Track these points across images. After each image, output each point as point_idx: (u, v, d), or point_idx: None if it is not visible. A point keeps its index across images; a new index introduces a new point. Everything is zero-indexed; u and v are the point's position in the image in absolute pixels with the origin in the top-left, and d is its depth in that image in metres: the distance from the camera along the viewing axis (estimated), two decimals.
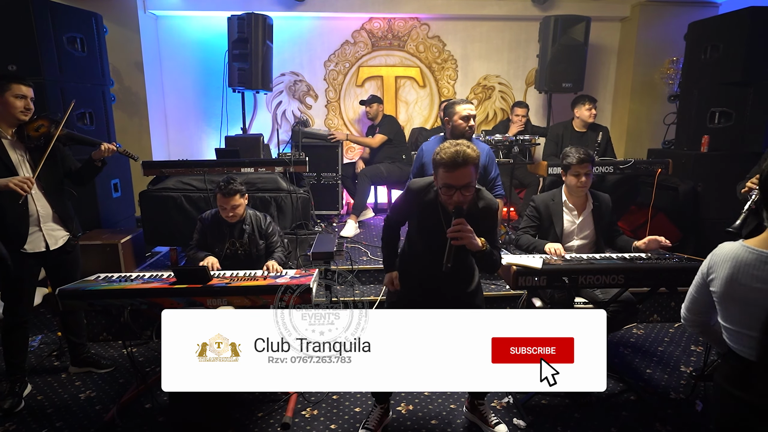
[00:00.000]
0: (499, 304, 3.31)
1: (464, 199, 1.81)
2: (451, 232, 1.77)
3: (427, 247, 2.00)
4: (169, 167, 3.67)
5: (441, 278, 1.92)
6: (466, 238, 1.77)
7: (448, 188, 1.80)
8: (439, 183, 1.85)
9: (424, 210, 1.97)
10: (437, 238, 1.88)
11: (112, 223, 3.91)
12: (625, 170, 3.68)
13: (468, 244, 1.78)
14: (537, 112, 5.43)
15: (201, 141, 5.43)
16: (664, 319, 3.38)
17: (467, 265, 2.08)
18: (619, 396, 2.52)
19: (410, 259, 2.11)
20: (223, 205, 2.64)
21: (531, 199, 2.73)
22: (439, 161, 1.80)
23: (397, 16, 5.19)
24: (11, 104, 2.29)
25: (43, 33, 3.38)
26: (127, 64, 4.81)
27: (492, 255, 1.88)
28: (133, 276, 2.34)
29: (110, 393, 2.58)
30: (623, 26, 5.28)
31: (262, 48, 4.46)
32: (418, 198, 1.98)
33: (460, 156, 1.74)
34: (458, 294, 2.07)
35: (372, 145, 4.72)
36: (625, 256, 2.37)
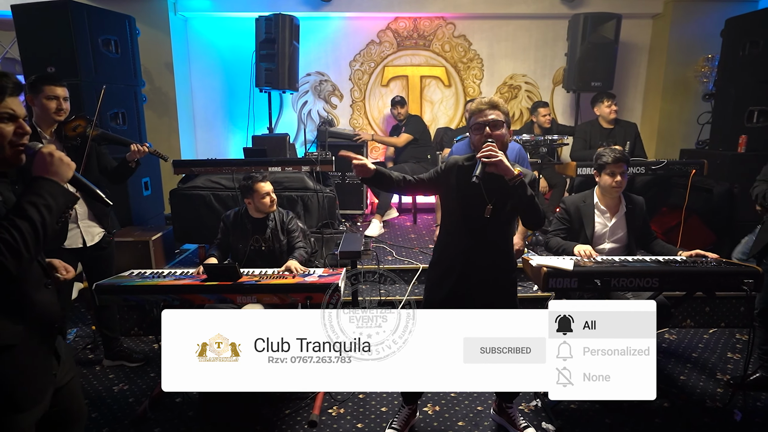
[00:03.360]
0: (526, 307, 3.25)
1: (494, 134, 1.85)
2: (482, 152, 1.78)
3: (466, 227, 1.97)
4: (198, 166, 3.74)
5: (479, 262, 1.95)
6: (498, 158, 1.77)
7: (478, 127, 1.89)
8: (471, 129, 1.94)
9: (463, 182, 1.94)
10: (477, 210, 1.90)
11: (143, 221, 4.01)
12: (657, 171, 3.58)
13: (499, 164, 1.77)
14: (564, 112, 5.34)
15: (228, 140, 5.52)
16: (698, 325, 3.28)
17: (504, 250, 2.04)
18: (651, 402, 2.44)
19: (448, 243, 2.07)
20: (264, 192, 2.65)
21: (561, 201, 2.69)
22: (470, 111, 1.95)
23: (422, 16, 5.17)
24: (45, 106, 2.35)
25: (80, 36, 3.49)
26: (158, 65, 4.92)
27: (526, 189, 1.84)
28: (165, 273, 2.40)
29: (142, 386, 2.64)
30: (655, 23, 5.15)
31: (289, 48, 4.50)
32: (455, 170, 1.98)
33: (485, 101, 1.91)
34: (494, 278, 2.02)
35: (397, 145, 4.72)
36: (659, 259, 2.31)
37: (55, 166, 1.17)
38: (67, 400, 1.33)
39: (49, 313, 1.23)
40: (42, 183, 1.14)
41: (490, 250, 1.99)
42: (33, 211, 1.09)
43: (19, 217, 1.08)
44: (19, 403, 1.16)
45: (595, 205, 2.58)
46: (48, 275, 1.28)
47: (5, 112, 1.13)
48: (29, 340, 1.17)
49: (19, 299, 1.16)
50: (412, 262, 3.61)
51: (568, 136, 4.36)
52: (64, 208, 1.17)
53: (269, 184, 2.69)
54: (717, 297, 3.21)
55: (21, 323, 1.15)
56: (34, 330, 1.18)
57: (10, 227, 1.05)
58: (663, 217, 4.14)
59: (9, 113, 1.14)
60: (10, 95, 1.14)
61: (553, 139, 3.82)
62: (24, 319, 1.16)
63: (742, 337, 3.14)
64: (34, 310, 1.19)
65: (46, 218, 1.10)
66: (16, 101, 1.16)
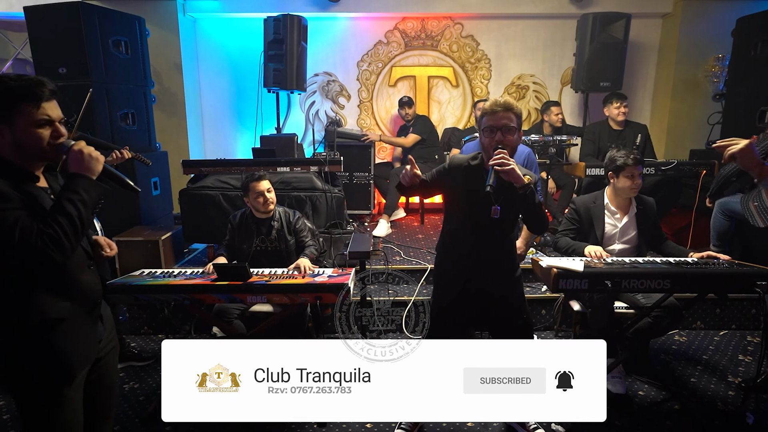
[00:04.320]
0: (535, 307, 3.26)
1: (505, 140, 1.84)
2: (494, 159, 1.77)
3: (472, 227, 1.97)
4: (207, 166, 3.76)
5: (484, 263, 1.95)
6: (510, 166, 1.76)
7: (490, 131, 1.86)
8: (483, 130, 1.91)
9: (469, 181, 1.94)
10: (483, 210, 1.86)
11: (152, 220, 4.03)
12: (667, 171, 3.56)
13: (511, 172, 1.76)
14: (573, 112, 5.31)
15: (236, 140, 5.54)
16: (708, 327, 3.25)
17: (508, 251, 2.05)
18: (662, 405, 2.44)
19: (454, 244, 2.07)
20: (258, 192, 2.65)
21: (571, 201, 2.68)
22: (482, 111, 1.91)
23: (430, 16, 5.17)
24: None
25: (91, 37, 3.52)
26: (167, 66, 4.95)
27: (535, 197, 1.84)
28: (175, 272, 2.41)
29: (152, 385, 2.66)
30: (665, 22, 5.11)
31: (297, 49, 4.51)
32: (461, 169, 1.97)
33: (500, 102, 1.86)
34: (500, 279, 2.02)
35: (405, 145, 4.72)
36: (671, 260, 2.29)
37: (86, 162, 1.30)
38: (104, 371, 1.50)
39: (92, 291, 1.42)
40: (77, 180, 1.29)
41: (495, 249, 2.00)
42: (71, 207, 1.24)
43: (59, 213, 1.23)
44: (73, 369, 1.34)
45: (605, 205, 2.57)
46: (90, 258, 1.45)
47: (42, 117, 1.25)
48: (76, 314, 1.36)
49: (67, 280, 1.34)
50: (420, 262, 3.61)
51: (577, 136, 4.34)
52: (97, 200, 1.32)
53: (265, 183, 2.66)
54: (728, 299, 3.19)
55: (68, 300, 1.34)
56: (80, 306, 1.37)
57: (53, 223, 1.21)
58: (673, 218, 4.11)
59: (46, 118, 1.26)
60: (47, 101, 1.26)
61: (561, 140, 3.81)
62: (71, 296, 1.34)
63: (754, 340, 3.11)
64: (80, 289, 1.37)
65: (82, 212, 1.26)
66: (52, 105, 1.28)
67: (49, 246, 1.19)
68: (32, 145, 1.26)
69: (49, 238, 1.19)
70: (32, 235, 1.18)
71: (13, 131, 1.24)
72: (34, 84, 1.24)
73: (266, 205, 2.68)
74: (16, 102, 1.23)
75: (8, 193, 1.20)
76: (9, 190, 1.21)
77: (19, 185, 1.25)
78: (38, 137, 1.26)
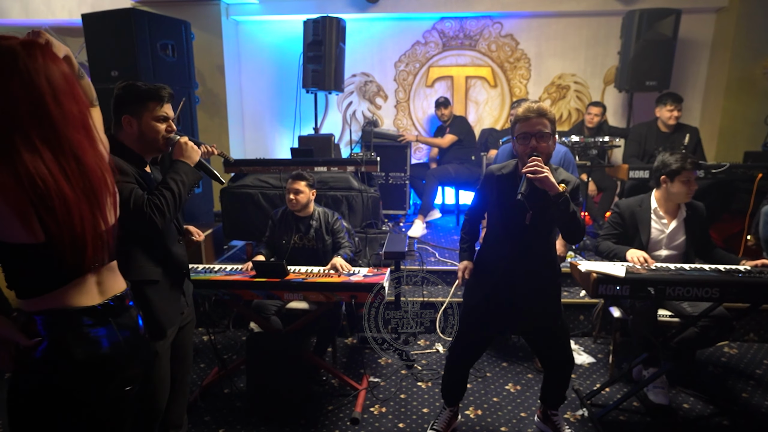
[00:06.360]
0: (572, 312, 3.17)
1: (539, 147, 1.80)
2: (528, 167, 1.74)
3: (507, 234, 1.95)
4: (248, 165, 3.87)
5: (519, 270, 1.92)
6: (544, 174, 1.72)
7: (524, 138, 1.83)
8: (516, 137, 1.88)
9: (503, 190, 1.93)
10: (518, 217, 1.85)
11: (194, 217, 4.17)
12: (718, 174, 3.38)
13: (545, 180, 1.73)
14: (616, 113, 5.14)
15: (274, 140, 5.67)
16: (762, 339, 3.07)
17: (546, 256, 2.00)
18: (708, 419, 2.32)
19: (489, 249, 2.06)
20: (288, 188, 2.72)
21: (615, 204, 2.59)
22: (515, 117, 1.87)
23: (469, 15, 5.12)
24: None
25: (141, 41, 3.68)
26: (210, 68, 5.11)
27: (569, 205, 1.79)
28: (216, 268, 2.49)
29: (192, 376, 2.75)
30: (719, 17, 4.86)
31: (335, 50, 4.57)
32: (494, 178, 1.97)
33: (533, 108, 1.82)
34: (535, 285, 1.98)
35: (442, 146, 4.70)
36: (720, 268, 2.18)
37: (187, 152, 1.62)
38: (184, 338, 1.75)
39: (180, 261, 1.67)
40: (179, 164, 1.59)
41: (532, 257, 1.95)
42: (173, 184, 1.53)
43: (164, 188, 1.51)
44: (164, 325, 1.57)
45: (653, 210, 2.47)
46: (181, 233, 1.73)
47: (161, 114, 1.57)
48: (167, 278, 1.60)
49: (161, 248, 1.60)
50: (456, 263, 3.58)
51: (620, 137, 4.19)
52: (194, 183, 1.61)
53: (299, 183, 2.70)
54: None
55: (161, 266, 1.59)
56: (170, 272, 1.62)
57: (159, 195, 1.49)
58: (724, 224, 3.90)
59: (164, 115, 1.58)
60: (167, 102, 1.58)
61: (603, 141, 3.69)
62: (164, 263, 1.60)
63: None
64: (171, 258, 1.63)
65: (182, 189, 1.54)
66: (169, 107, 1.60)
67: (155, 212, 1.45)
68: (151, 136, 1.56)
69: (155, 206, 1.46)
70: (143, 202, 1.44)
71: (139, 123, 1.54)
72: (159, 89, 1.56)
73: (291, 204, 2.73)
74: (145, 101, 1.54)
75: (127, 169, 1.48)
76: (128, 167, 1.49)
77: (135, 167, 1.53)
78: (157, 129, 1.56)
